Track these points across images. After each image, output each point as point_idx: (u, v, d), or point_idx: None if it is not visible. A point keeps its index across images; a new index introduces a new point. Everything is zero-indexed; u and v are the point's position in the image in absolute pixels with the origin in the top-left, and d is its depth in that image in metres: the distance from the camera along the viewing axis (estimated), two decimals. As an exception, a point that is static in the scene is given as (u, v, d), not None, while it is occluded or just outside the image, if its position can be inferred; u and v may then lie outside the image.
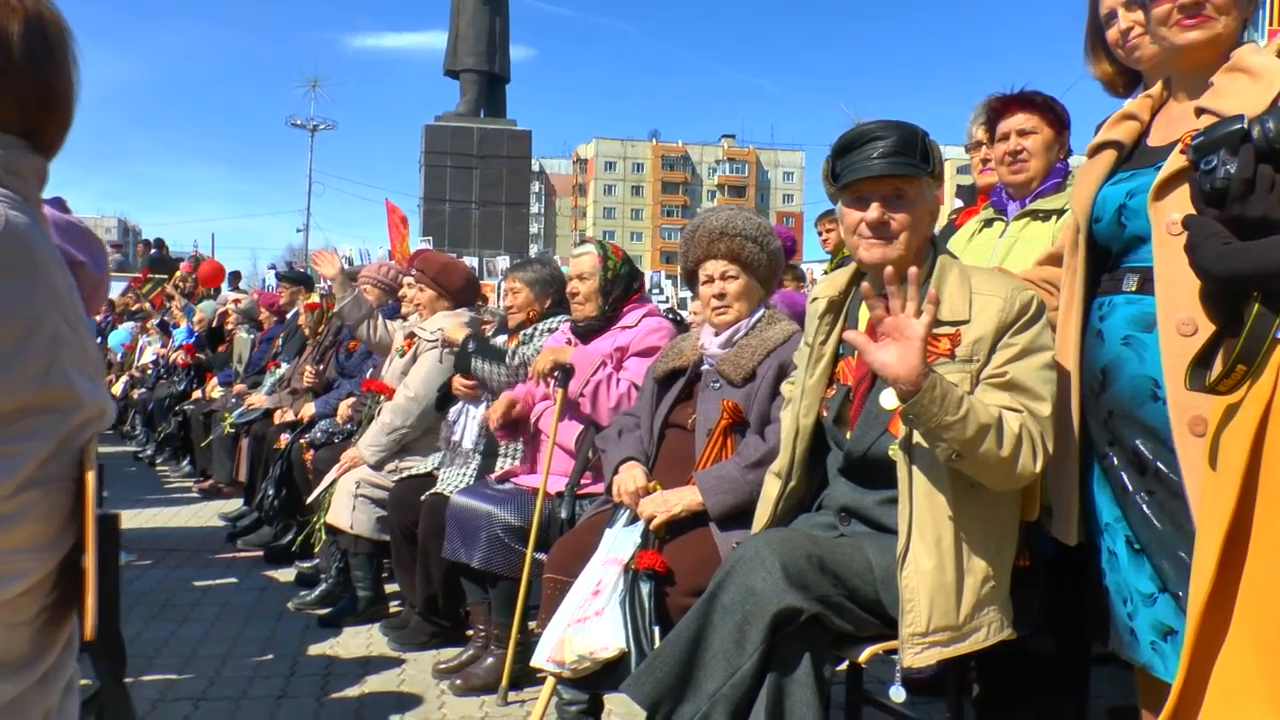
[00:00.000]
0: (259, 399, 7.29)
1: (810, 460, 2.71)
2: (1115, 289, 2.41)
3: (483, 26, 23.30)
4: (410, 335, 5.20)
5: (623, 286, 4.16)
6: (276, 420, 6.68)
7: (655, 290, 17.78)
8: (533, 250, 24.56)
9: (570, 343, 4.15)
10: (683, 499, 3.06)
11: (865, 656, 2.48)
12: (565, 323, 4.36)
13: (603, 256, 4.16)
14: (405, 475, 4.73)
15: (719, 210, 3.47)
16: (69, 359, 1.31)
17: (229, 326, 10.16)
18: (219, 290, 13.67)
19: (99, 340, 12.02)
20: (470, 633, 4.27)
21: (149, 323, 13.61)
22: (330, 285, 5.81)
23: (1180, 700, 2.03)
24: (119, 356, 14.08)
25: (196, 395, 9.48)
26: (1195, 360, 2.08)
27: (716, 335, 3.37)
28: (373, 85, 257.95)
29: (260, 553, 6.32)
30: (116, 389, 12.53)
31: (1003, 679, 2.93)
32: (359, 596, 4.93)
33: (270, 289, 17.39)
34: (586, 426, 3.94)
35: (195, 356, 10.03)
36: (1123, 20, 2.77)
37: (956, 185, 6.18)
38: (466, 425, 4.56)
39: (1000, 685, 2.96)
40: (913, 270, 2.22)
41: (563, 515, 3.70)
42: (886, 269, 2.25)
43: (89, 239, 1.85)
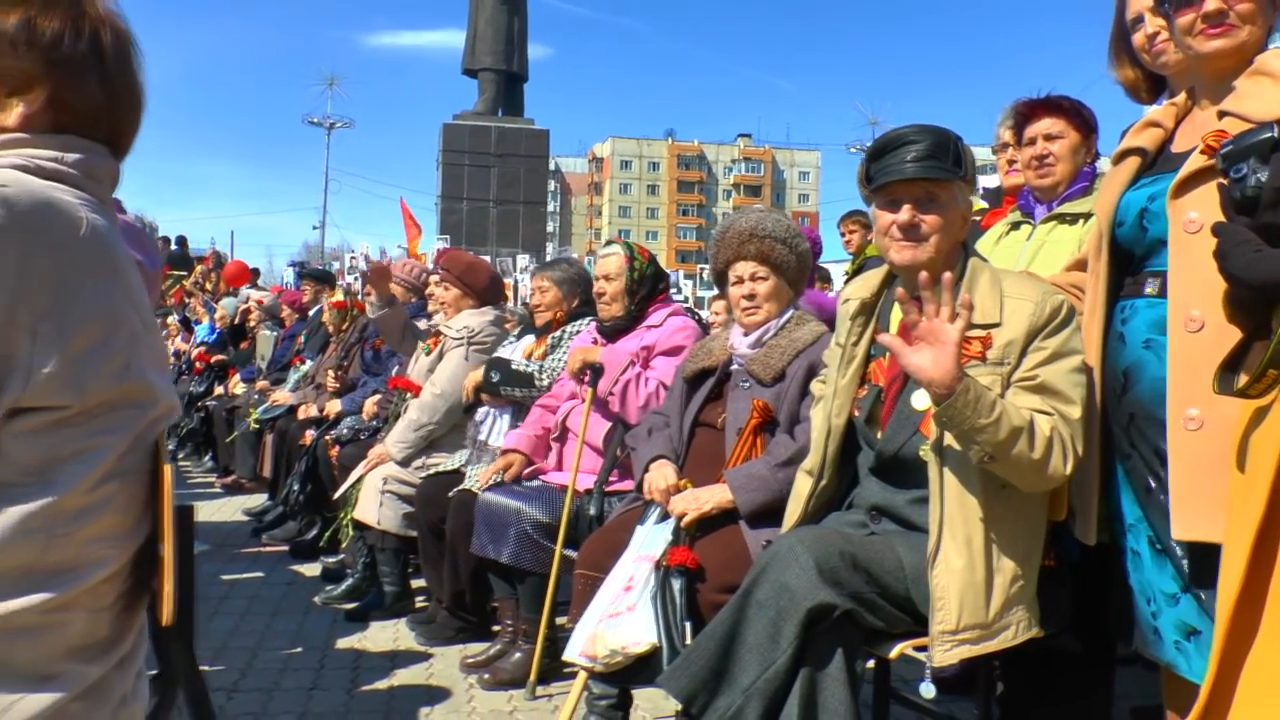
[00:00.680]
0: (283, 395, 7.35)
1: (841, 459, 2.75)
2: (1137, 293, 2.44)
3: (501, 25, 23.36)
4: (436, 333, 5.25)
5: (649, 287, 4.21)
6: (300, 416, 6.74)
7: (673, 290, 17.81)
8: (549, 249, 24.58)
9: (596, 342, 4.20)
10: (713, 497, 3.10)
11: (896, 653, 2.52)
12: (591, 323, 4.41)
13: (629, 257, 4.21)
14: (432, 472, 4.78)
15: (748, 212, 3.51)
16: (144, 355, 1.36)
17: (251, 324, 10.24)
18: (240, 288, 13.76)
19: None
20: (497, 628, 4.33)
21: (169, 319, 13.71)
22: (369, 292, 5.85)
23: (1210, 700, 2.06)
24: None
25: (219, 392, 9.56)
26: (1224, 365, 2.11)
27: (746, 335, 3.41)
28: (389, 83, 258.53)
29: (285, 548, 6.38)
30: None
31: (1028, 677, 2.96)
32: (385, 591, 4.99)
33: (290, 286, 17.50)
34: (614, 425, 3.99)
35: (209, 362, 10.12)
36: (1149, 25, 2.78)
37: (981, 187, 6.20)
38: (494, 425, 4.62)
39: (1025, 684, 2.99)
40: (947, 275, 2.26)
41: (591, 512, 3.75)
42: (921, 274, 2.29)
43: (143, 238, 1.91)
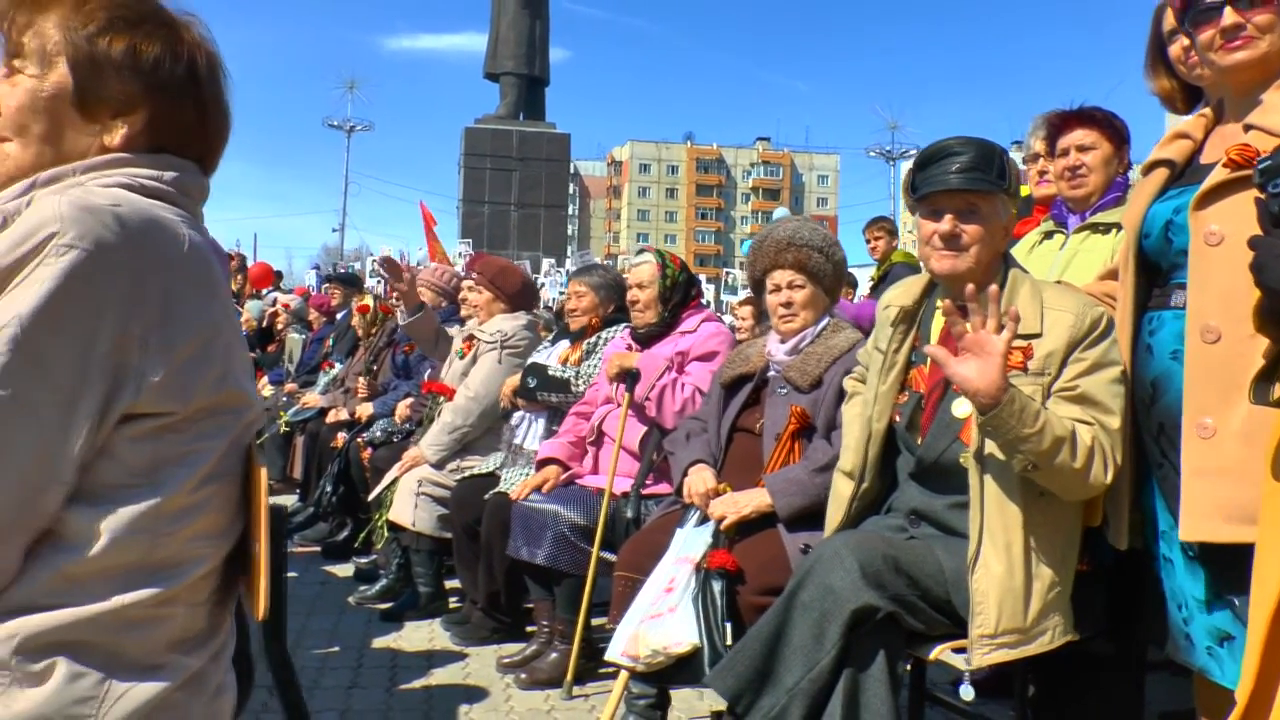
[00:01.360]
0: (313, 398, 7.44)
1: (880, 463, 2.81)
2: (1164, 304, 2.48)
3: (523, 30, 23.46)
4: (469, 337, 5.33)
5: (681, 293, 4.27)
6: (330, 419, 6.83)
7: (694, 294, 17.80)
8: (569, 252, 24.65)
9: (631, 348, 4.27)
10: (752, 500, 3.16)
11: (935, 654, 2.57)
12: (625, 329, 4.48)
13: (661, 265, 4.27)
14: (467, 475, 4.85)
15: (786, 221, 3.58)
16: (237, 364, 1.43)
17: (279, 327, 10.33)
18: (265, 291, 13.88)
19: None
20: (533, 629, 4.39)
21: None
22: (398, 298, 5.91)
23: (1249, 707, 2.10)
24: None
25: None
26: (1259, 376, 2.15)
27: (783, 342, 3.47)
28: (409, 86, 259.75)
29: (318, 548, 6.45)
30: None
31: (1061, 681, 3.00)
32: (420, 592, 5.06)
33: (312, 289, 17.62)
34: (650, 429, 4.05)
35: None
36: (1185, 36, 2.83)
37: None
38: (529, 428, 4.69)
39: (1058, 687, 3.03)
40: (993, 288, 2.31)
41: (628, 515, 3.81)
42: (968, 285, 2.34)
43: (215, 250, 1.98)
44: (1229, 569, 2.27)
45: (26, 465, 1.22)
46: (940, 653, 2.58)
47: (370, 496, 5.43)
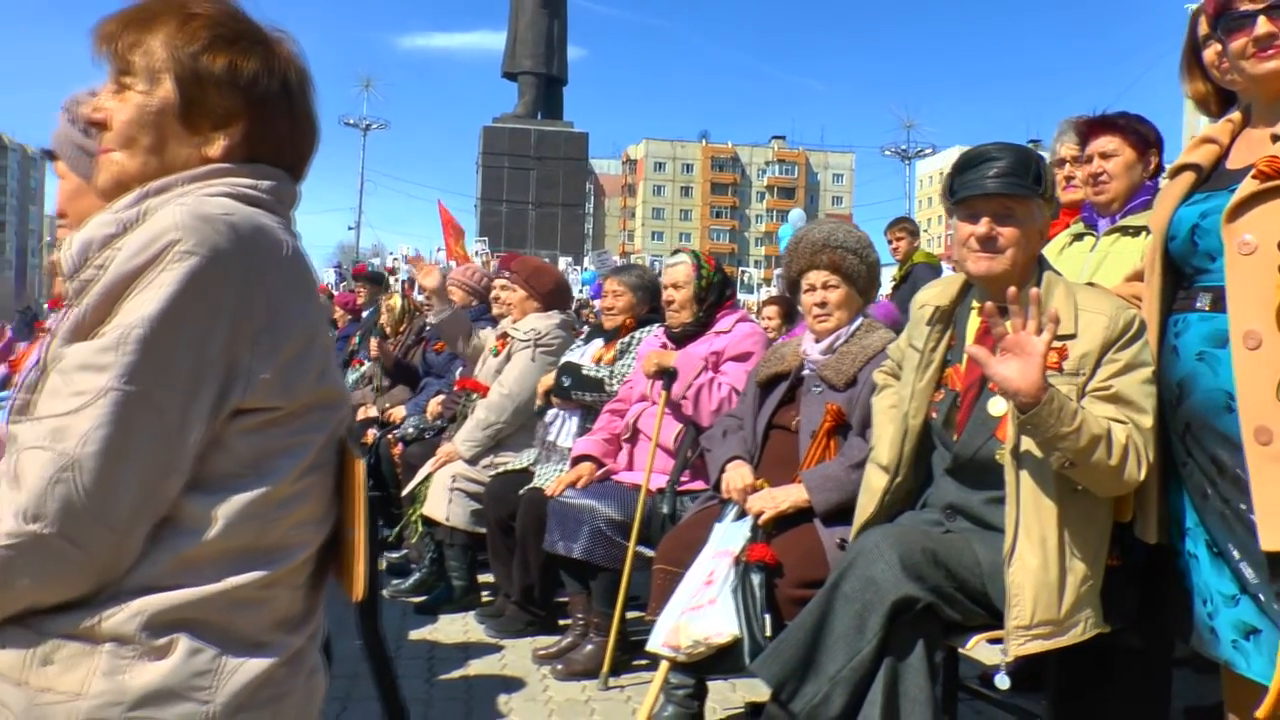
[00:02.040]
0: (342, 395, 7.51)
1: (914, 458, 2.89)
2: (1189, 307, 2.54)
3: (541, 29, 23.57)
4: (503, 335, 5.43)
5: (716, 294, 4.36)
6: (360, 416, 6.92)
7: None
8: (586, 249, 24.77)
9: (665, 347, 4.35)
10: (790, 496, 3.25)
11: (972, 644, 2.66)
12: (659, 328, 4.57)
13: (696, 265, 4.36)
14: (500, 470, 4.94)
15: (822, 223, 3.67)
16: (332, 362, 1.53)
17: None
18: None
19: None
20: (566, 621, 4.49)
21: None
22: (428, 296, 5.99)
23: None
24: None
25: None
26: None
27: (817, 342, 3.56)
28: (424, 84, 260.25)
29: (349, 543, 6.53)
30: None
31: (1089, 673, 3.08)
32: (454, 586, 5.16)
33: (332, 287, 17.76)
34: (685, 427, 4.14)
35: None
36: (1218, 42, 2.89)
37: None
38: (563, 426, 4.79)
39: (1087, 678, 3.11)
40: (1035, 290, 2.39)
41: (664, 510, 3.90)
42: (1010, 289, 2.42)
43: None
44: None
45: (150, 456, 1.31)
46: (976, 643, 2.66)
47: (405, 491, 5.53)
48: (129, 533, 1.32)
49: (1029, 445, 2.48)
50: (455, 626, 4.87)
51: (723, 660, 3.03)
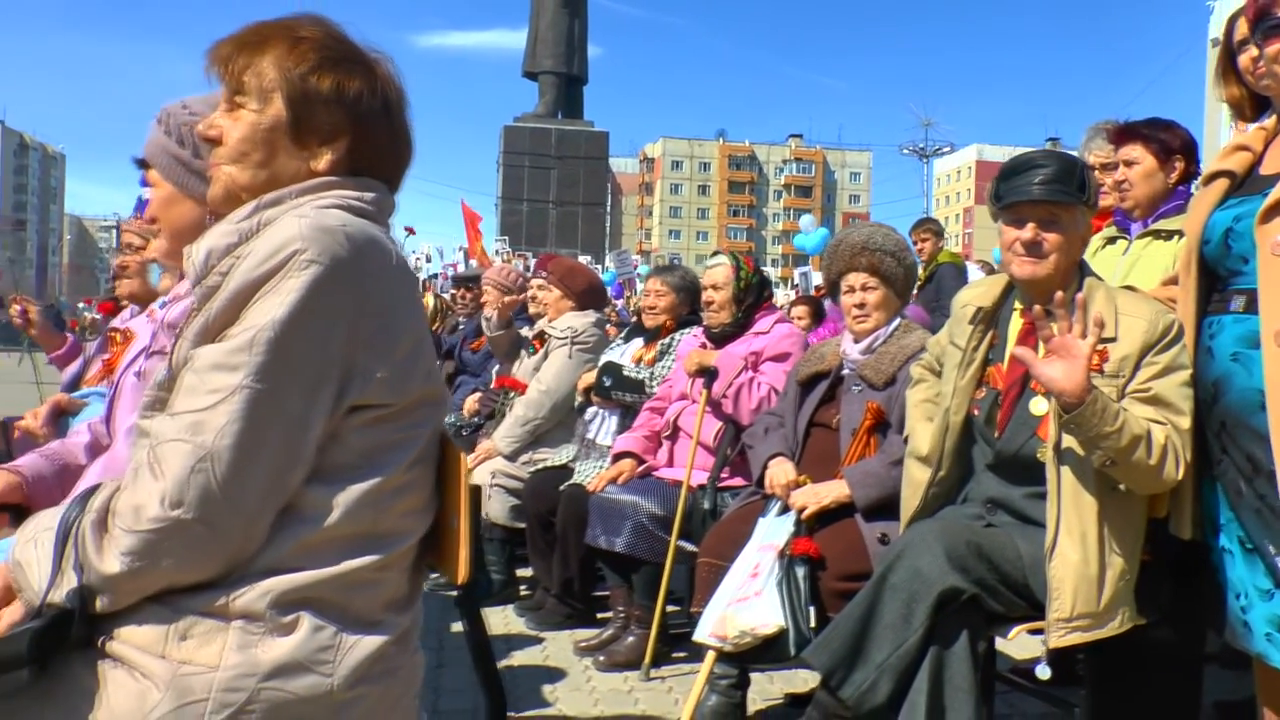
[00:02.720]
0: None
1: (955, 453, 2.98)
2: (1223, 309, 2.63)
3: (562, 29, 23.65)
4: (540, 334, 5.55)
5: (754, 295, 4.46)
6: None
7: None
8: (606, 248, 24.83)
9: (705, 347, 4.46)
10: (832, 492, 3.35)
11: (1014, 634, 2.76)
12: (697, 328, 4.67)
13: (735, 267, 4.47)
14: (539, 467, 5.06)
15: (861, 226, 3.77)
16: (434, 362, 1.65)
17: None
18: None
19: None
20: (607, 614, 4.59)
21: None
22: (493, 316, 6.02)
23: None
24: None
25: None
26: None
27: (856, 342, 3.66)
28: (441, 83, 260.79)
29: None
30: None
31: (1122, 665, 3.16)
32: (493, 579, 5.27)
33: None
34: (724, 425, 4.25)
35: None
36: (1255, 47, 2.96)
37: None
38: (602, 424, 4.90)
39: (1120, 671, 3.19)
40: (1080, 295, 2.48)
41: (705, 506, 4.01)
42: (1057, 294, 2.51)
43: None
44: None
45: (277, 449, 1.43)
46: (1018, 633, 2.76)
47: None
48: (257, 518, 1.44)
49: (1071, 444, 2.57)
50: (496, 619, 4.98)
51: (768, 650, 3.13)
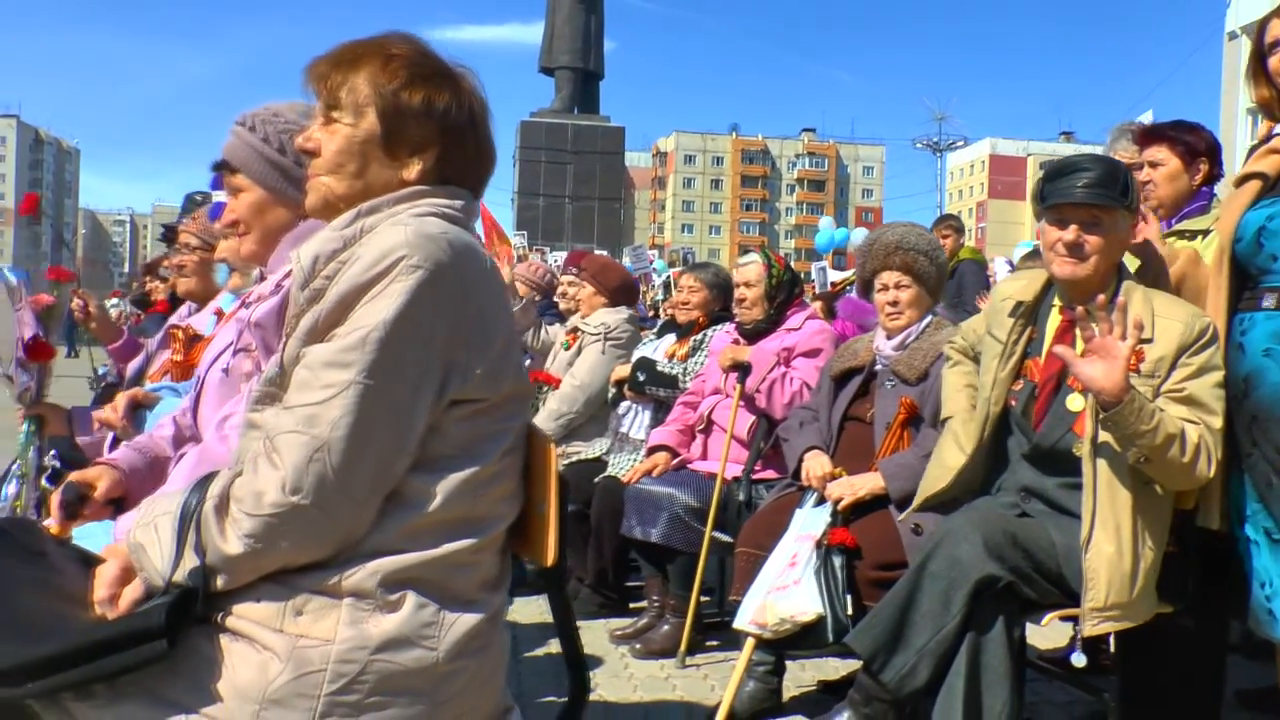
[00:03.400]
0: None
1: (991, 442, 3.07)
2: (1255, 306, 2.73)
3: (579, 24, 23.69)
4: (574, 330, 5.67)
5: (786, 292, 4.57)
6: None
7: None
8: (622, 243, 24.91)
9: (738, 343, 4.57)
10: (867, 483, 3.46)
11: (1047, 621, 2.87)
12: (729, 325, 4.78)
13: (767, 265, 4.58)
14: (574, 460, 5.17)
15: (894, 226, 3.88)
16: (522, 358, 1.77)
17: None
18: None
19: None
20: (642, 604, 4.70)
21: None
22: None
23: None
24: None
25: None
26: None
27: (889, 339, 3.77)
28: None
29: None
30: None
31: (1149, 653, 3.25)
32: (527, 570, 5.37)
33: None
34: (758, 419, 4.36)
35: None
36: None
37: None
38: (635, 418, 5.02)
39: (1146, 659, 3.28)
40: (1122, 299, 2.57)
41: (740, 498, 4.12)
42: (1098, 296, 2.61)
43: None
44: None
45: (385, 440, 1.55)
46: (1050, 619, 2.86)
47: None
48: (367, 504, 1.56)
49: (1107, 440, 2.66)
50: (532, 608, 5.09)
51: (806, 638, 3.24)
